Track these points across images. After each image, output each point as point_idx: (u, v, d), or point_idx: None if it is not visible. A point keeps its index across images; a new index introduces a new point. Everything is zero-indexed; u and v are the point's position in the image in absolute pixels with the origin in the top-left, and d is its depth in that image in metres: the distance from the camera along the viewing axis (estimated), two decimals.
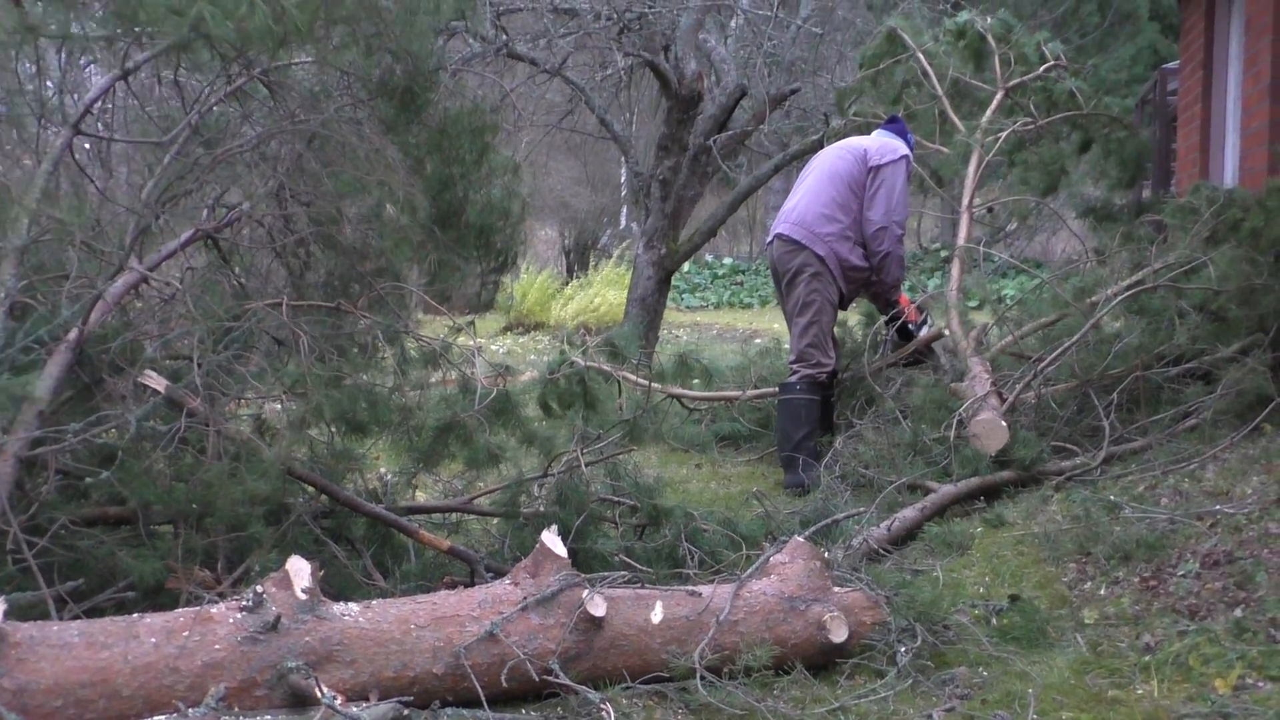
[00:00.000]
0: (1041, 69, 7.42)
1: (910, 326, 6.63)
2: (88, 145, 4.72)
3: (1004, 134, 7.00)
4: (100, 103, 4.46)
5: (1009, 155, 7.22)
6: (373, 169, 4.22)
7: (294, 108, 4.33)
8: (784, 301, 6.43)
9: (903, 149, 6.47)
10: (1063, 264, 8.95)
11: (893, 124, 6.77)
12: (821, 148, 7.72)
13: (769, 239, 6.54)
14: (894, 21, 7.85)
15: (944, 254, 18.77)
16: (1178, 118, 10.70)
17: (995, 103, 7.31)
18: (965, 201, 6.89)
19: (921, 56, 7.55)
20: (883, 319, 6.68)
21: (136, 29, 3.70)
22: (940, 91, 7.37)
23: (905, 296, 6.68)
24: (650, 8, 9.40)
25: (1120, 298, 5.75)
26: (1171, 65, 12.02)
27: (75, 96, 4.90)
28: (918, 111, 7.38)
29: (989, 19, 7.69)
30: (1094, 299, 5.82)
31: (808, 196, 6.38)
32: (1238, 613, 3.70)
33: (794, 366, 6.28)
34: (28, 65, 4.77)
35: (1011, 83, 7.40)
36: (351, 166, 4.26)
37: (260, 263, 4.65)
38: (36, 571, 3.21)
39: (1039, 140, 7.29)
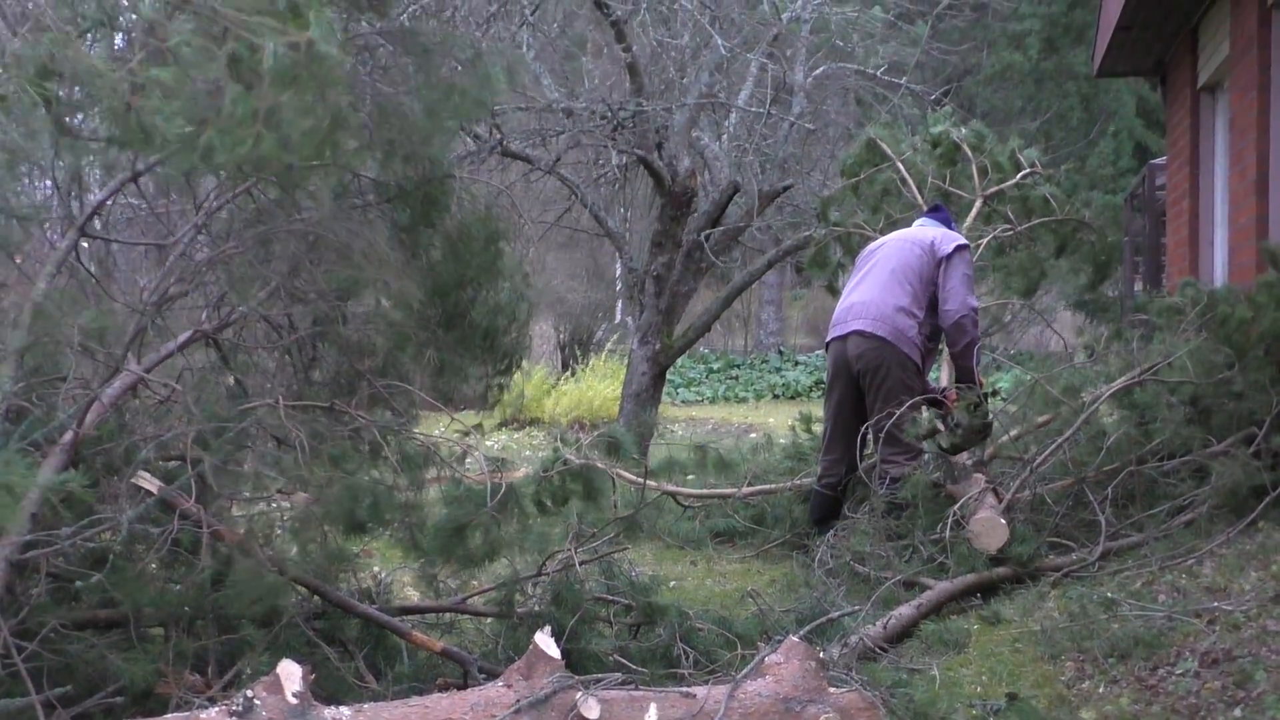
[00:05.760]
0: (1018, 176, 7.59)
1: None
2: (86, 244, 4.76)
3: (984, 241, 7.15)
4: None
5: (991, 260, 7.35)
6: (377, 267, 4.23)
7: (299, 209, 4.35)
8: (854, 398, 6.32)
9: (961, 238, 6.49)
10: (1049, 359, 9.06)
11: (936, 213, 6.76)
12: (809, 246, 7.79)
13: (839, 332, 6.40)
14: (873, 131, 8.03)
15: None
16: (1167, 212, 10.83)
17: (975, 210, 7.50)
18: None
19: (900, 165, 7.72)
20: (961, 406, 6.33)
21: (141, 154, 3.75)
22: (920, 200, 7.52)
23: (983, 380, 6.54)
24: (644, 105, 9.54)
25: (1107, 395, 5.79)
26: (1159, 161, 12.21)
27: (73, 194, 4.94)
28: (898, 220, 7.49)
29: (963, 129, 7.90)
30: (1084, 398, 5.86)
31: (882, 291, 6.31)
32: (1237, 713, 3.67)
33: (901, 459, 6.13)
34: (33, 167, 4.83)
35: (989, 190, 7.58)
36: (354, 265, 4.26)
37: (260, 363, 4.67)
38: (26, 676, 3.18)
39: (1017, 245, 7.44)
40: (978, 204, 7.49)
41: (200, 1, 2.15)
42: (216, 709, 3.04)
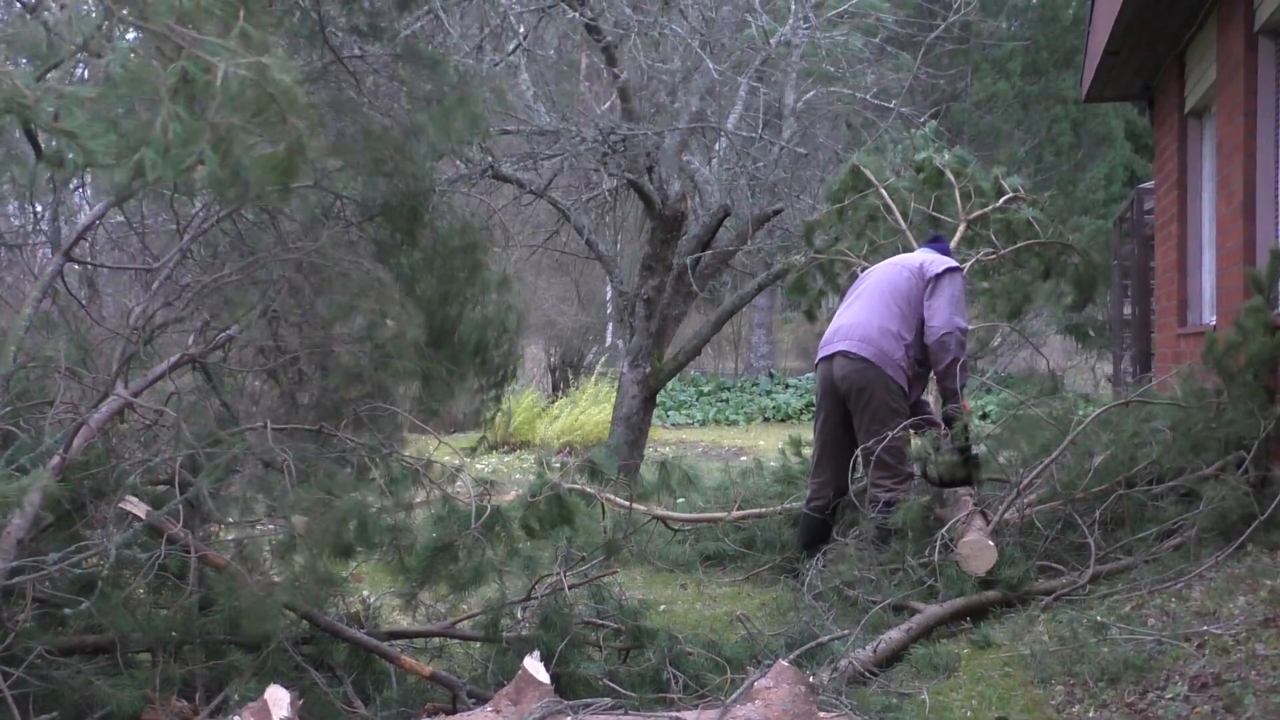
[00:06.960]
0: (1000, 201, 7.62)
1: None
2: (76, 267, 4.75)
3: (968, 265, 7.17)
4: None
5: (975, 284, 7.38)
6: (366, 293, 4.23)
7: (287, 232, 4.36)
8: (841, 419, 6.31)
9: (954, 261, 6.49)
10: (1039, 382, 9.09)
11: (935, 243, 6.77)
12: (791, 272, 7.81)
13: (826, 353, 6.40)
14: (858, 157, 8.06)
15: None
16: (1155, 236, 10.87)
17: (959, 234, 7.52)
18: None
19: (884, 192, 7.74)
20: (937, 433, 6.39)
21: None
22: (903, 226, 7.54)
23: (968, 404, 6.51)
24: (634, 129, 9.56)
25: (1093, 419, 5.81)
26: (1148, 185, 12.26)
27: (51, 214, 4.95)
28: (883, 245, 7.50)
29: (946, 154, 7.92)
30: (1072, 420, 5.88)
31: (870, 314, 6.31)
32: None
33: (888, 484, 6.13)
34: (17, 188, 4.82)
35: (973, 215, 7.60)
36: (344, 291, 4.27)
37: (248, 386, 4.66)
38: (11, 703, 3.17)
39: (1001, 268, 7.47)
40: (961, 228, 7.53)
41: (155, 23, 2.11)
42: None
